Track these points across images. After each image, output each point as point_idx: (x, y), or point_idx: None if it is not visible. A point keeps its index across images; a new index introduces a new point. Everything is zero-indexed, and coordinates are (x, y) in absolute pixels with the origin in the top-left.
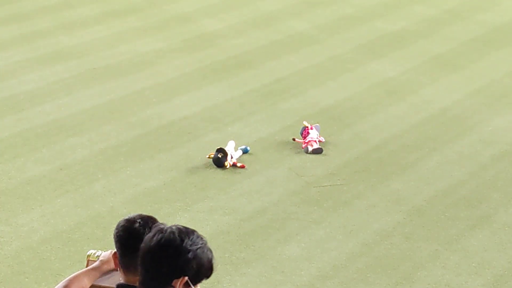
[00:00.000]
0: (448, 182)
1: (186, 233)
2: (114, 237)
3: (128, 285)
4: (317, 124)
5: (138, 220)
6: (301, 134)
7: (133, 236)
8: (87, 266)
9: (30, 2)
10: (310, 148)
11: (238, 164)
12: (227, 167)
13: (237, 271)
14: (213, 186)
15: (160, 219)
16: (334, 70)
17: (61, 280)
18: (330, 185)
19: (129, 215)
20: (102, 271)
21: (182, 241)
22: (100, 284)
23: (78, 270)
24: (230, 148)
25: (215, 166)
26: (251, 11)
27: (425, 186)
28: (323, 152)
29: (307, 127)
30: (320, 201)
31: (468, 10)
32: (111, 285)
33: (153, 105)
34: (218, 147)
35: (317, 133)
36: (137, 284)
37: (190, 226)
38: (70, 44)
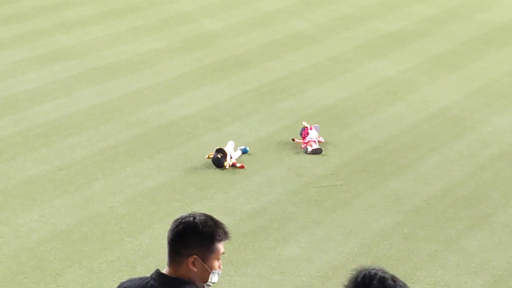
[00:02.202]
0: (447, 182)
1: None
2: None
3: (163, 273)
4: (317, 125)
5: (198, 216)
6: (301, 134)
7: (186, 230)
8: None
9: (29, 1)
10: (309, 148)
11: (238, 164)
12: (227, 167)
13: (236, 272)
14: (212, 186)
15: (159, 219)
16: (333, 69)
17: (60, 281)
18: (329, 185)
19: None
20: None
21: None
22: None
23: (77, 271)
24: (229, 148)
25: (214, 166)
26: (251, 10)
27: (424, 186)
28: (323, 152)
29: (307, 127)
30: (320, 201)
31: (467, 10)
32: None
33: (152, 105)
34: (218, 147)
35: (316, 133)
36: (176, 276)
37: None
38: (69, 44)
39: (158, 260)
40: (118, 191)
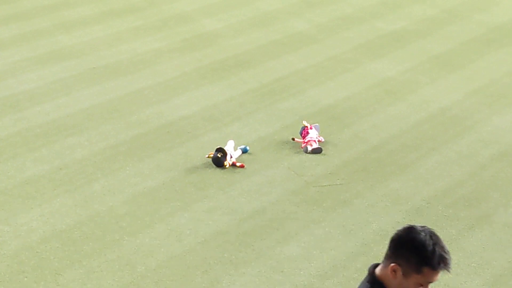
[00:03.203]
0: (447, 182)
1: None
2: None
3: (373, 274)
4: (317, 124)
5: (423, 229)
6: (301, 133)
7: (405, 237)
8: None
9: (29, 1)
10: (309, 148)
11: (238, 164)
12: (227, 166)
13: (237, 271)
14: (212, 186)
15: (159, 219)
16: (333, 69)
17: (61, 280)
18: (329, 185)
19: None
20: None
21: None
22: None
23: (77, 270)
24: (229, 147)
25: (214, 166)
26: (251, 10)
27: (424, 186)
28: (323, 152)
29: (307, 126)
30: (319, 200)
31: (467, 10)
32: None
33: (152, 105)
34: (218, 147)
35: (316, 132)
36: (379, 275)
37: (189, 226)
38: (69, 44)
39: (158, 259)
40: (118, 191)
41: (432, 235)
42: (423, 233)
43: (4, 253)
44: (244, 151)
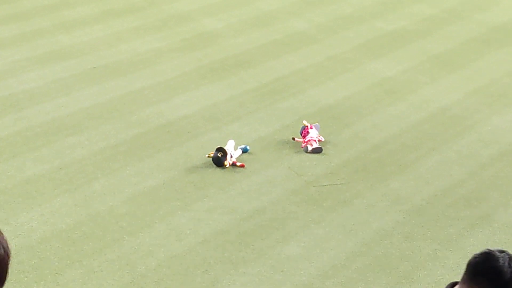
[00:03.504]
0: (447, 182)
1: None
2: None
3: None
4: (317, 124)
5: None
6: (301, 133)
7: (484, 263)
8: None
9: (29, 1)
10: (309, 148)
11: (238, 163)
12: (227, 166)
13: (237, 271)
14: (213, 185)
15: (159, 219)
16: (333, 69)
17: (61, 279)
18: (329, 185)
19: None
20: None
21: None
22: None
23: (77, 270)
24: (229, 147)
25: (214, 165)
26: (251, 10)
27: (425, 186)
28: (323, 152)
29: (307, 126)
30: (320, 200)
31: (467, 9)
32: None
33: (153, 104)
34: (218, 146)
35: (316, 132)
36: None
37: (189, 225)
38: (69, 43)
39: (158, 259)
40: (118, 190)
41: (511, 261)
42: (501, 260)
43: None
44: (244, 150)
